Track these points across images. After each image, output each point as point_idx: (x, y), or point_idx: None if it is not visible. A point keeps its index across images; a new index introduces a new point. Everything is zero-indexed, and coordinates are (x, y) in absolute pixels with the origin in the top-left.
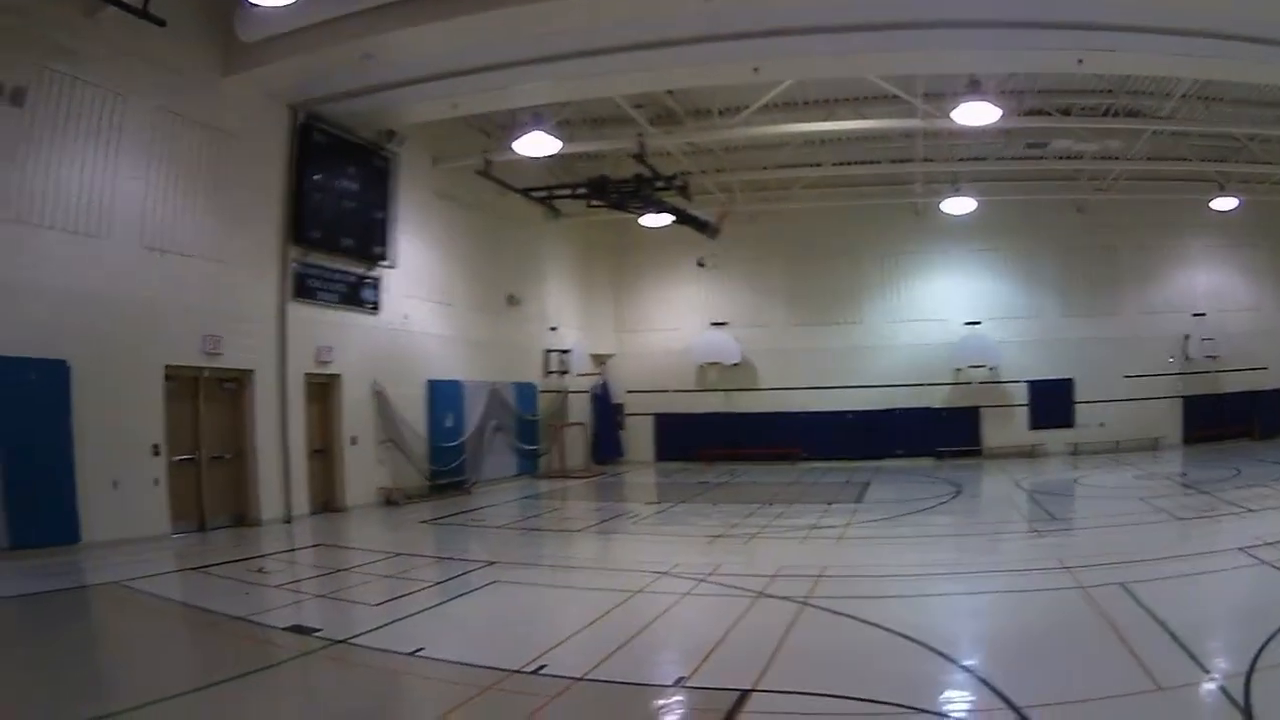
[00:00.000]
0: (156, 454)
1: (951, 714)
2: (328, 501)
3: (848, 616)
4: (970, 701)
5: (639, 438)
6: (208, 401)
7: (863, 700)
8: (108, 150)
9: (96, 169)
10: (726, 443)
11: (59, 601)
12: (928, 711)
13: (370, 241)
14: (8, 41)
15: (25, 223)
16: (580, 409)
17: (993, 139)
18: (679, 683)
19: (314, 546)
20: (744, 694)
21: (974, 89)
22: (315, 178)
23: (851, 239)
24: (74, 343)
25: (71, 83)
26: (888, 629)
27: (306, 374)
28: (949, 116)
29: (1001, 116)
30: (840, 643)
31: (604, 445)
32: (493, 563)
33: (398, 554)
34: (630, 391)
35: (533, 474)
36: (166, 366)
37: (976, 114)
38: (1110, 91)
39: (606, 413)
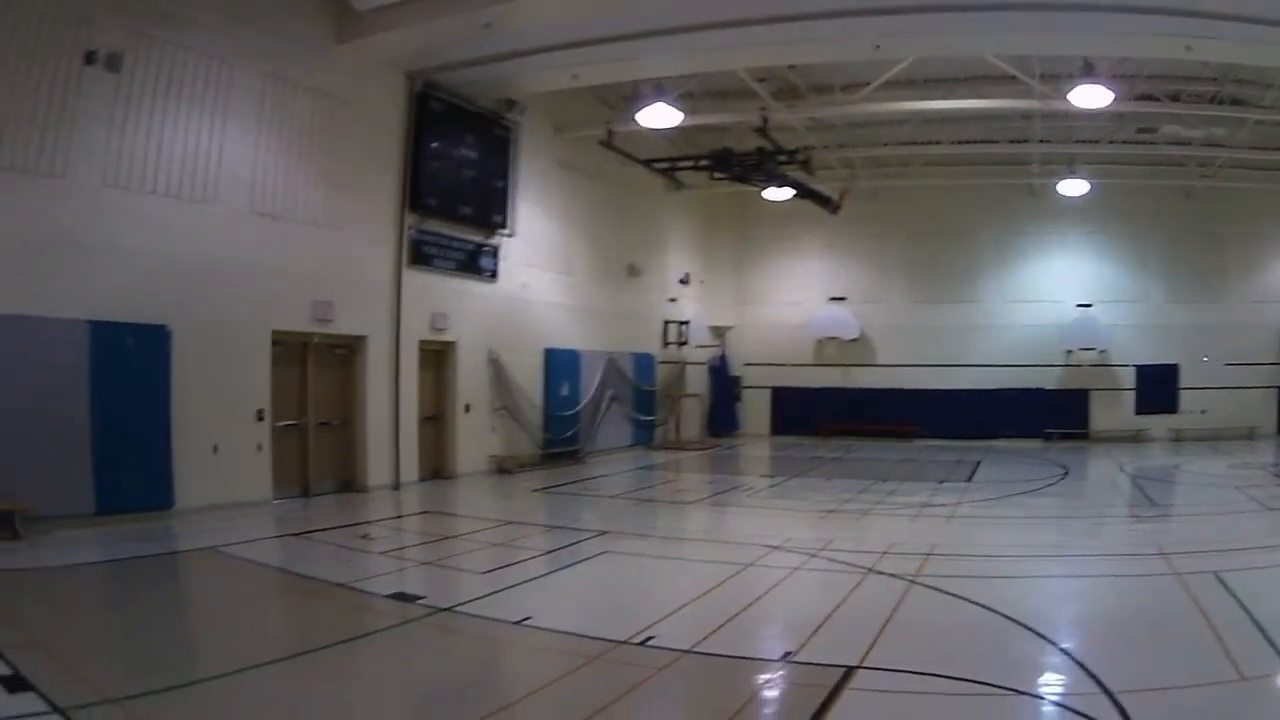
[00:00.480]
0: (260, 419)
1: (1047, 697)
2: (438, 469)
3: (954, 596)
4: (1066, 685)
5: (755, 411)
6: (317, 367)
7: (964, 680)
8: (213, 117)
9: (201, 135)
10: (842, 418)
11: (152, 566)
12: (1026, 694)
13: (489, 210)
14: (106, 7)
15: (125, 188)
16: (698, 380)
17: (1105, 122)
18: (785, 657)
19: (421, 513)
20: (849, 670)
21: (1088, 72)
22: (433, 146)
23: (968, 218)
24: (175, 308)
25: (174, 49)
26: (991, 609)
27: (421, 341)
28: (1064, 98)
29: (1114, 100)
30: (945, 622)
31: (720, 418)
32: (604, 532)
33: (508, 522)
34: (748, 364)
35: (648, 445)
36: (274, 332)
37: (1090, 97)
38: (1215, 80)
39: (724, 385)
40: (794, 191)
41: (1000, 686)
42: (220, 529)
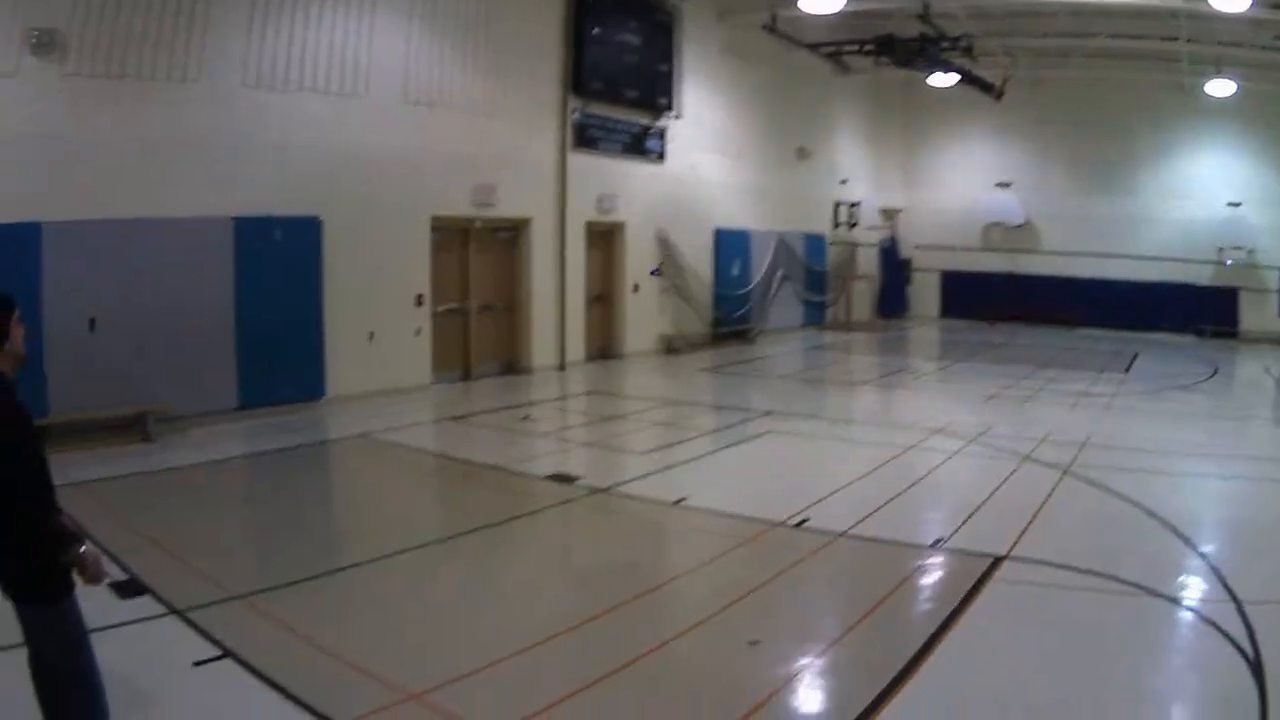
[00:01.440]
0: (419, 304)
1: (1179, 601)
2: (605, 348)
3: (1104, 489)
4: (1198, 590)
5: (924, 294)
6: (479, 251)
7: (1104, 577)
8: (361, 11)
9: (349, 30)
10: (1007, 303)
11: (294, 458)
12: (1159, 595)
13: (654, 93)
14: None
15: (267, 88)
16: (868, 263)
17: (1247, 27)
18: (936, 544)
19: (585, 394)
20: (997, 560)
21: None
22: (594, 31)
23: (1124, 111)
24: (327, 199)
25: None
26: (1137, 504)
27: (587, 222)
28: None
29: (1251, 6)
30: (1092, 515)
31: (890, 300)
32: (769, 413)
33: (673, 402)
34: (917, 247)
35: (818, 325)
36: (433, 217)
37: (1229, 1)
38: None
39: (894, 267)
40: (958, 77)
41: (1136, 585)
42: (374, 415)
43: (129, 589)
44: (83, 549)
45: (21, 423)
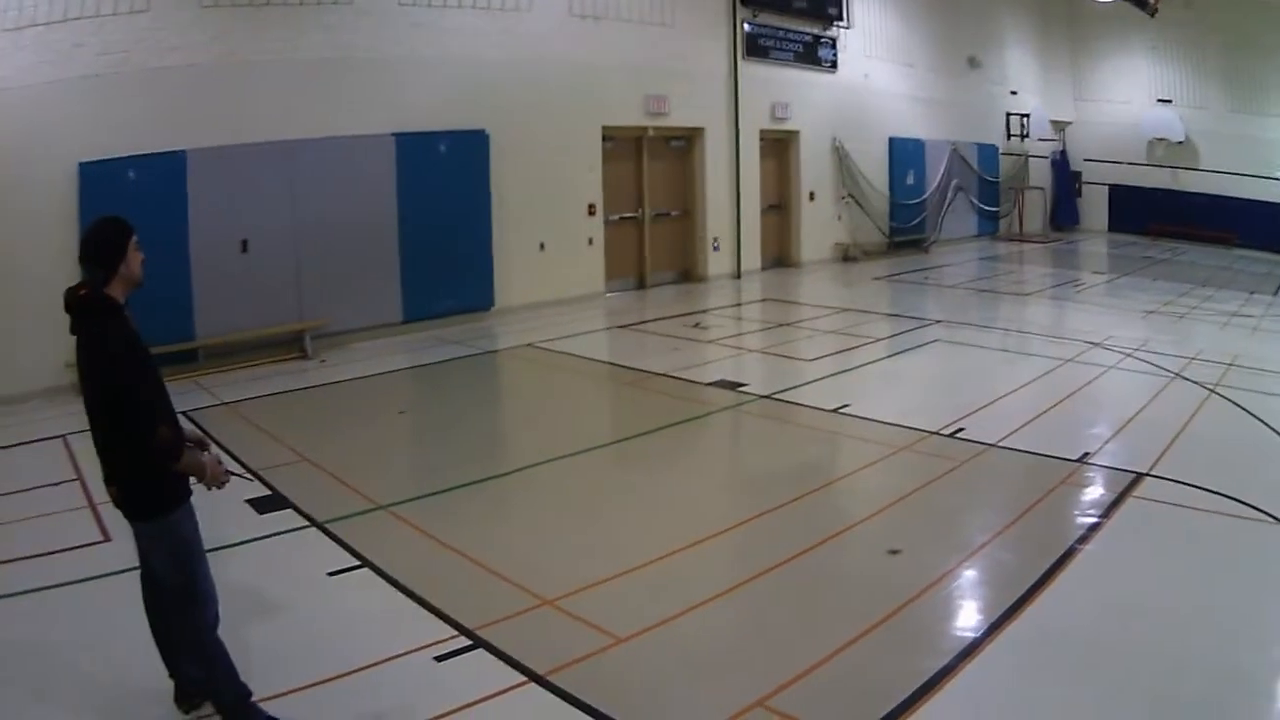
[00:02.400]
0: (592, 214)
1: None
2: (780, 257)
3: (1245, 410)
4: None
5: (1093, 206)
6: (652, 160)
7: (1240, 503)
8: None
9: None
10: (1170, 219)
11: (455, 369)
12: None
13: (824, 3)
14: None
15: (425, 5)
16: (1039, 174)
17: None
18: (1083, 458)
19: (759, 302)
20: (1138, 477)
21: None
22: None
23: (1274, 30)
24: (493, 112)
25: None
26: (1276, 430)
27: (761, 130)
28: None
29: None
30: (1233, 438)
31: (1061, 211)
32: (938, 322)
33: (844, 309)
34: (1086, 160)
35: (992, 235)
36: (604, 127)
37: None
38: None
39: (1064, 179)
40: None
41: (1266, 513)
42: (542, 325)
43: (269, 504)
44: (203, 455)
45: (120, 347)
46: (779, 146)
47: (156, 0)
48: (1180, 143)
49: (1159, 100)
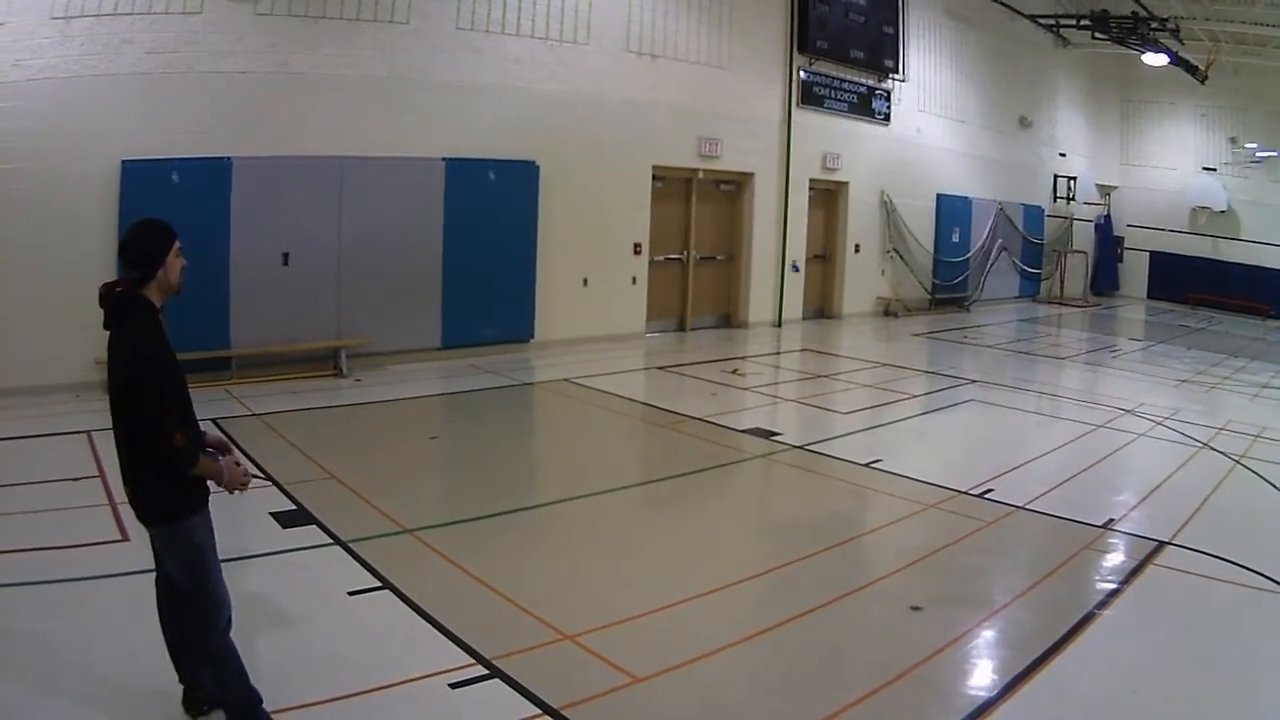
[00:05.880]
0: (637, 253)
1: None
2: (822, 308)
3: (1270, 483)
4: None
5: (1133, 272)
6: (700, 202)
7: (1261, 575)
8: None
9: None
10: (1208, 288)
11: (491, 399)
12: None
13: (880, 54)
14: None
15: (483, 31)
16: (1083, 238)
17: None
18: (1108, 524)
19: (799, 352)
20: (1161, 545)
21: None
22: None
23: None
24: (544, 144)
25: None
26: None
27: (811, 179)
28: None
29: None
30: (1256, 509)
31: (1102, 276)
32: (974, 381)
33: (882, 364)
34: (1129, 225)
35: (1033, 297)
36: (654, 167)
37: None
38: None
39: (1107, 244)
40: (1167, 59)
41: None
42: (579, 361)
43: (294, 519)
44: (222, 459)
45: (149, 349)
46: (828, 197)
47: (210, 3)
48: (1222, 212)
49: (1204, 168)
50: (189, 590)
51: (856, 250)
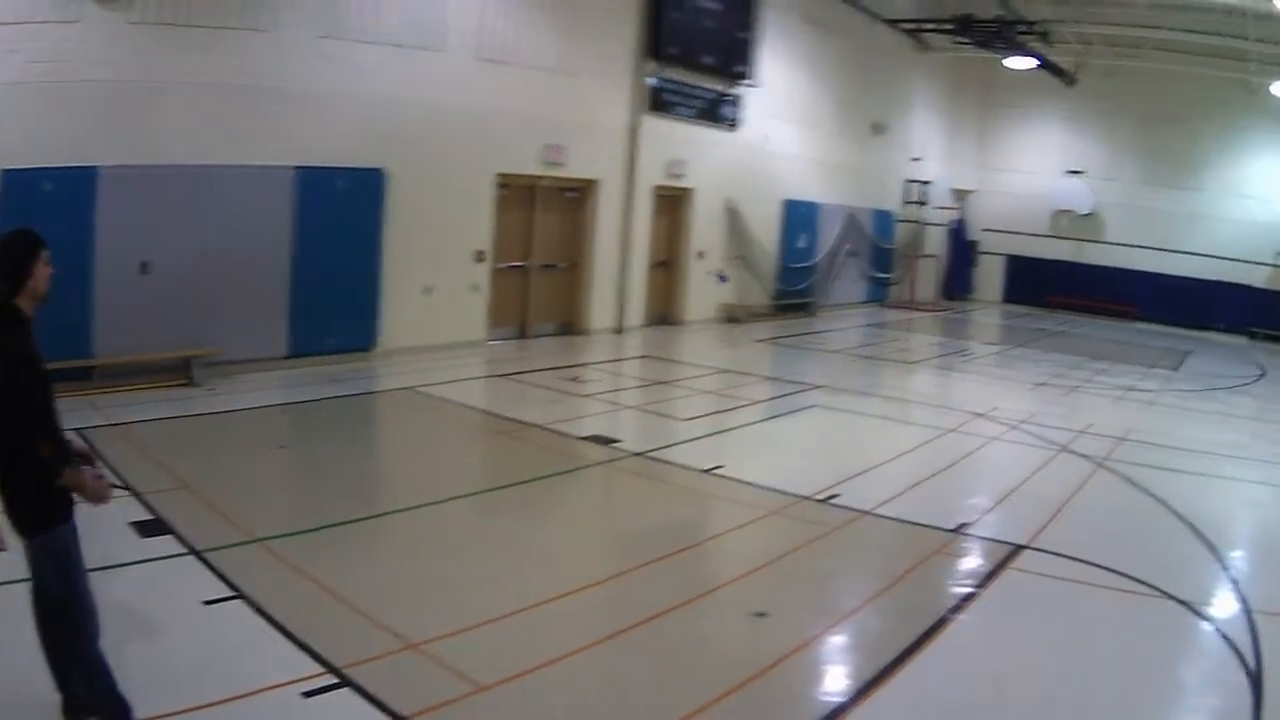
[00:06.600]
0: (480, 260)
1: (1191, 606)
2: (665, 315)
3: (1134, 485)
4: (1212, 597)
5: (989, 276)
6: (544, 210)
7: (1122, 575)
8: None
9: None
10: (1069, 291)
11: (336, 408)
12: (1172, 598)
13: (731, 60)
14: None
15: (339, 39)
16: (935, 242)
17: None
18: (959, 529)
19: (640, 358)
20: (1017, 549)
21: None
22: None
23: (1192, 106)
24: (393, 152)
25: None
26: (1165, 504)
27: (656, 186)
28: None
29: None
30: (1120, 511)
31: (955, 281)
32: (819, 387)
33: (724, 370)
34: (985, 230)
35: (881, 302)
36: (499, 174)
37: None
38: None
39: (961, 248)
40: (1034, 62)
41: (1150, 585)
42: (422, 369)
43: (152, 528)
44: (83, 469)
45: (19, 357)
46: (672, 203)
47: (88, 11)
48: (1087, 215)
49: (1069, 171)
50: (59, 600)
51: (700, 257)
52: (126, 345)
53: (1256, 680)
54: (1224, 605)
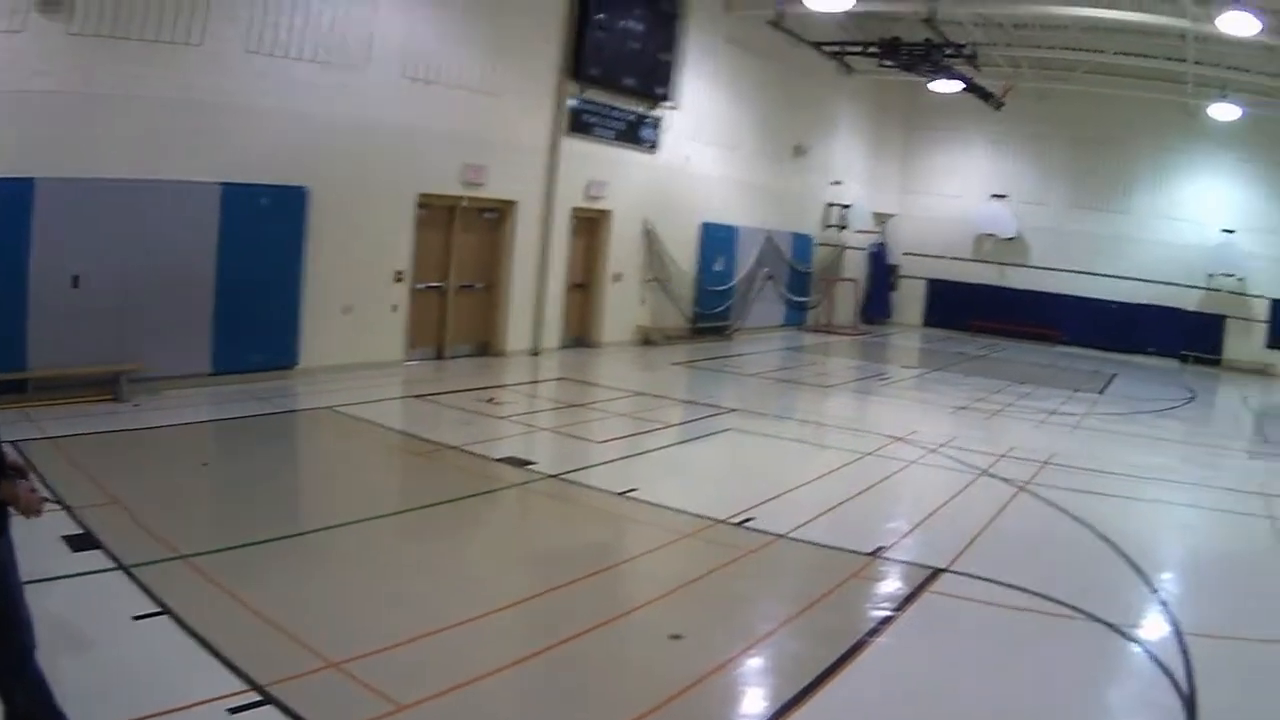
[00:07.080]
0: (399, 280)
1: (1117, 627)
2: (581, 337)
3: (1057, 508)
4: (1139, 618)
5: (909, 301)
6: (463, 230)
7: (1043, 597)
8: None
9: (353, 2)
10: (993, 315)
11: (258, 426)
12: (1097, 620)
13: (653, 82)
14: None
15: (268, 55)
16: (855, 266)
17: (1255, 53)
18: (877, 552)
19: (556, 380)
20: (935, 572)
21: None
22: (598, 16)
23: (1125, 129)
24: (316, 170)
25: None
26: (1090, 527)
27: (574, 208)
28: (1214, 23)
29: (1262, 31)
30: (1043, 534)
31: (874, 305)
32: (734, 410)
33: (640, 393)
34: (906, 253)
35: (798, 326)
36: (420, 194)
37: (1238, 24)
38: None
39: (881, 272)
40: (961, 85)
41: (1074, 608)
42: (342, 389)
43: (82, 543)
44: (19, 482)
45: None
46: (591, 225)
47: (32, 21)
48: (1011, 239)
49: (993, 195)
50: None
51: (617, 279)
52: (59, 359)
53: (1190, 702)
54: (1153, 628)
